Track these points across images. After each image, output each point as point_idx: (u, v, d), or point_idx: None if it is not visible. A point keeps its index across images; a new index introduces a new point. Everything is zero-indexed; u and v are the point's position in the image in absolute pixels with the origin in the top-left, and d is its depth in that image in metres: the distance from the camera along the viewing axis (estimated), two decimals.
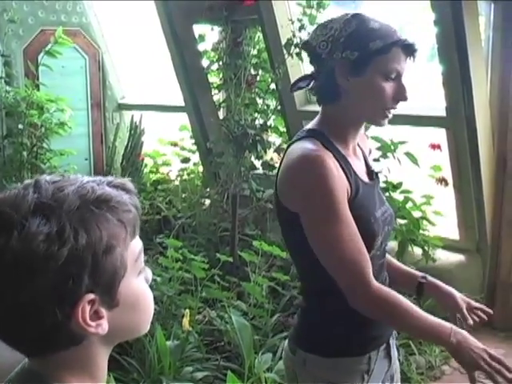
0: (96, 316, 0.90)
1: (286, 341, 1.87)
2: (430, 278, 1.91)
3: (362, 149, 1.85)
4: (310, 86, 1.76)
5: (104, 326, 0.90)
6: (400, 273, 1.96)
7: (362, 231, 1.63)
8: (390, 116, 1.73)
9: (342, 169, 1.64)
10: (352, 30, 1.64)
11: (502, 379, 1.60)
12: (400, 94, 1.68)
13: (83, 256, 0.85)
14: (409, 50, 1.67)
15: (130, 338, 1.06)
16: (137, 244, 0.96)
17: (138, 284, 0.97)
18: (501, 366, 1.60)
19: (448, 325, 1.64)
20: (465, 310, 1.83)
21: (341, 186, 1.61)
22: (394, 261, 2.01)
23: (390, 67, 1.65)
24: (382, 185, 3.85)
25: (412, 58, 1.68)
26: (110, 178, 0.95)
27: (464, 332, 1.64)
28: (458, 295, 1.87)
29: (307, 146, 1.65)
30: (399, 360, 1.96)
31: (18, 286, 0.84)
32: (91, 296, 0.88)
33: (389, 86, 1.66)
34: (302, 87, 1.78)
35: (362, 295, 1.63)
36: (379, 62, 1.64)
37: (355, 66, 1.64)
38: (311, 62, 1.76)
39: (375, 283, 1.62)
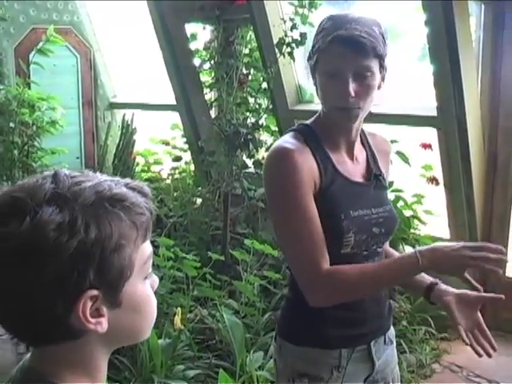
0: (97, 313, 0.90)
1: None
2: (438, 286, 1.81)
3: (371, 151, 1.86)
4: None
5: (103, 325, 0.91)
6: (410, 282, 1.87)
7: (328, 226, 1.66)
8: (353, 115, 1.69)
9: (317, 163, 1.68)
10: (316, 31, 1.70)
11: (492, 263, 1.58)
12: (341, 92, 1.64)
13: (91, 250, 0.86)
14: (350, 43, 1.60)
15: (129, 343, 1.06)
16: (147, 248, 0.96)
17: (143, 288, 0.97)
18: (485, 252, 1.58)
19: (409, 254, 1.64)
20: (459, 327, 1.73)
21: (305, 179, 1.64)
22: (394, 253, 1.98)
23: (330, 65, 1.65)
24: None
25: (359, 52, 1.62)
26: (128, 180, 0.96)
27: (430, 246, 1.62)
28: (454, 307, 1.75)
29: (284, 139, 1.73)
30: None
31: (23, 272, 0.84)
32: (94, 292, 0.88)
33: (332, 85, 1.66)
34: None
35: (313, 282, 1.66)
36: (321, 61, 1.67)
37: (310, 67, 1.71)
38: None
39: (326, 267, 1.64)
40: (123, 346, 1.04)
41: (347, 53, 1.62)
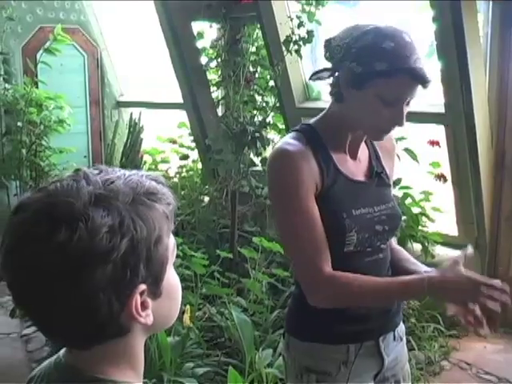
0: (143, 306, 0.91)
1: None
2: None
3: (373, 148, 1.86)
4: (330, 79, 1.77)
5: (151, 317, 0.92)
6: (407, 272, 1.86)
7: (330, 225, 1.67)
8: (387, 135, 1.72)
9: (318, 164, 1.68)
10: (365, 43, 1.62)
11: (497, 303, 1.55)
12: (395, 120, 1.66)
13: (140, 247, 0.87)
14: (419, 79, 1.60)
15: (163, 329, 1.07)
16: (172, 236, 0.97)
17: (174, 274, 0.99)
18: (491, 290, 1.55)
19: (417, 279, 1.62)
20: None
21: (306, 180, 1.65)
22: (404, 262, 1.91)
23: (391, 92, 1.62)
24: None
25: (423, 86, 1.63)
26: (145, 172, 0.96)
27: (440, 276, 1.60)
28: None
29: (285, 140, 1.72)
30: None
31: (79, 279, 0.84)
32: (143, 286, 0.89)
33: (386, 110, 1.64)
34: (322, 78, 1.77)
35: (314, 285, 1.67)
36: (380, 84, 1.61)
37: (356, 80, 1.63)
38: (326, 59, 1.76)
39: (327, 270, 1.64)
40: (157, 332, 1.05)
41: (414, 87, 1.62)
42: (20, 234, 0.86)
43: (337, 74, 1.72)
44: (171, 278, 0.97)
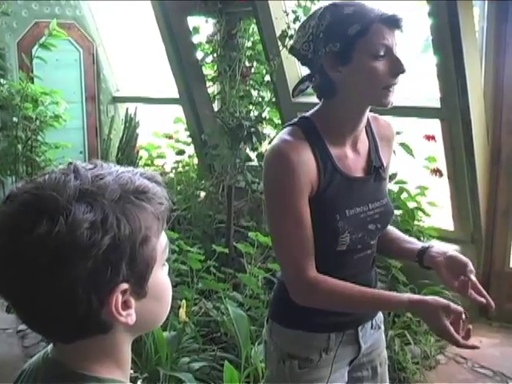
0: (125, 305, 0.90)
1: None
2: (428, 250, 1.80)
3: (374, 140, 1.85)
4: (310, 86, 1.77)
5: (133, 317, 0.91)
6: (401, 253, 1.94)
7: (324, 226, 1.69)
8: (393, 93, 1.69)
9: (316, 160, 1.67)
10: (328, 22, 1.64)
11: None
12: (395, 68, 1.65)
13: (123, 245, 0.86)
14: (391, 21, 1.63)
15: (150, 330, 1.07)
16: (164, 236, 0.97)
17: (163, 275, 0.98)
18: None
19: (400, 298, 1.66)
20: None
21: (301, 181, 1.64)
22: (397, 240, 1.95)
23: (376, 46, 1.63)
24: None
25: (398, 28, 1.65)
26: (141, 170, 0.96)
27: (424, 300, 1.63)
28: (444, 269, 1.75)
29: (282, 137, 1.70)
30: (394, 350, 1.98)
31: (58, 273, 0.84)
32: (125, 286, 0.89)
33: (381, 64, 1.64)
34: (303, 90, 1.78)
35: (296, 286, 1.71)
36: (363, 45, 1.62)
37: (341, 56, 1.64)
38: (302, 65, 1.77)
39: (311, 274, 1.67)
40: (144, 333, 1.06)
41: (392, 30, 1.64)
42: (5, 225, 0.87)
43: (316, 75, 1.72)
44: (159, 280, 0.97)
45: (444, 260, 1.74)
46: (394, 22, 1.63)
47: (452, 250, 1.80)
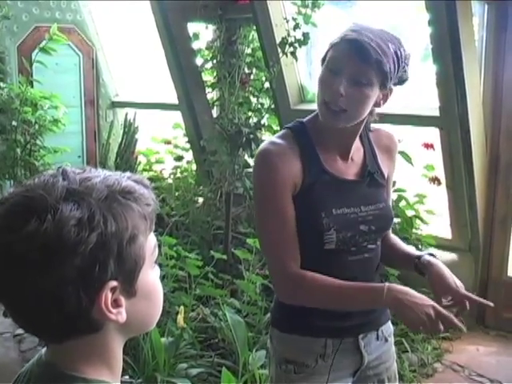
0: (115, 304, 0.92)
1: None
2: (424, 258, 1.84)
3: (370, 147, 1.87)
4: None
5: (123, 315, 0.93)
6: (400, 257, 1.96)
7: (309, 223, 1.73)
8: (337, 113, 1.69)
9: (302, 163, 1.72)
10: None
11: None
12: (333, 88, 1.67)
13: (110, 243, 0.88)
14: (355, 45, 1.63)
15: (142, 332, 1.08)
16: (153, 237, 0.99)
17: (153, 276, 1.00)
18: (445, 325, 1.64)
19: (379, 286, 1.68)
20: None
21: (283, 180, 1.70)
22: (397, 245, 1.99)
23: (333, 60, 1.69)
24: None
25: (361, 56, 1.63)
26: (128, 174, 0.98)
27: (403, 288, 1.66)
28: (451, 280, 1.81)
29: (271, 140, 1.80)
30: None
31: (47, 270, 0.86)
32: (114, 283, 0.90)
33: (328, 79, 1.69)
34: None
35: (280, 282, 1.75)
36: (328, 56, 1.72)
37: (322, 58, 1.76)
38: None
39: (295, 270, 1.71)
40: (136, 335, 1.06)
41: (351, 54, 1.65)
42: None
43: None
44: (149, 280, 0.98)
45: (438, 271, 1.79)
46: (357, 47, 1.64)
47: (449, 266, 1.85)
